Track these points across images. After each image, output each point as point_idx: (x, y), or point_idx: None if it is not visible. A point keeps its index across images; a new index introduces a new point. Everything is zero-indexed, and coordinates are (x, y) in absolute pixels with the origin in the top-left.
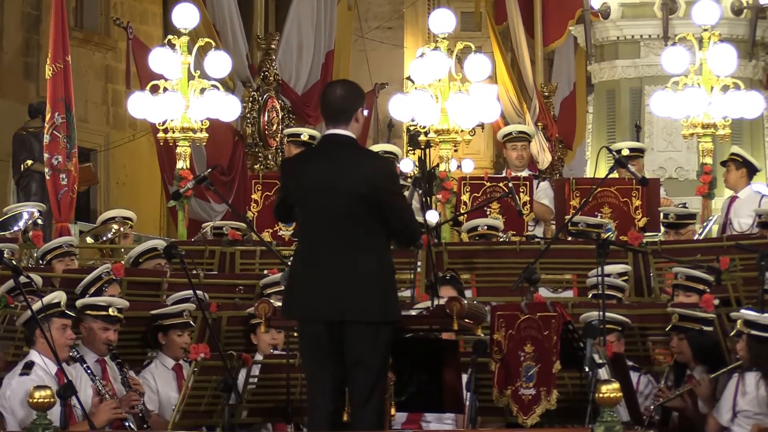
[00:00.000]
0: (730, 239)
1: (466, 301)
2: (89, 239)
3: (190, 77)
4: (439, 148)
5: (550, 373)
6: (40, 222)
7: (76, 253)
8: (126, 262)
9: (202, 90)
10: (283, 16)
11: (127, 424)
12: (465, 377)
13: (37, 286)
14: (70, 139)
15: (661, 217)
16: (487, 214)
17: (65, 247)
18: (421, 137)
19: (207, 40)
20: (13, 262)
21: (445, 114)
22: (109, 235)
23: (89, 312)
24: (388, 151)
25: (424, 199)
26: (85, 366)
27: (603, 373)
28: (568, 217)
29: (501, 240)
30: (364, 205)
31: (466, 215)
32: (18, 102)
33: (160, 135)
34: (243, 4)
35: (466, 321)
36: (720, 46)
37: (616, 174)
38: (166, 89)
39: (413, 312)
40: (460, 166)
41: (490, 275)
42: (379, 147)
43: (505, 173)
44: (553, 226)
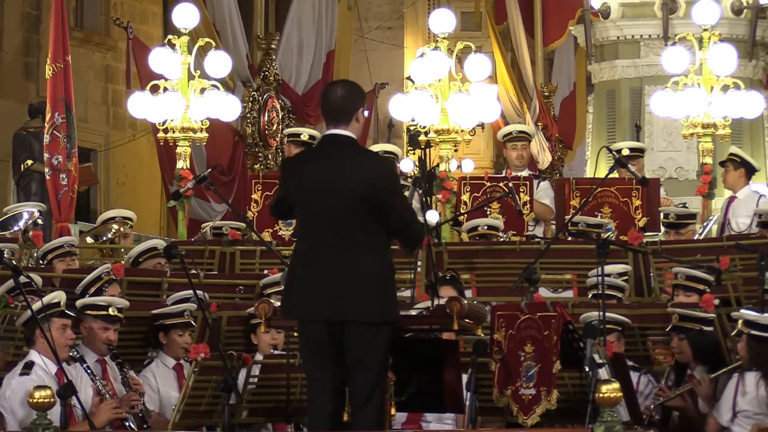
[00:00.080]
0: (730, 239)
1: (466, 301)
2: (89, 239)
3: (190, 77)
4: (439, 148)
5: (550, 373)
6: (40, 222)
7: (77, 253)
8: (126, 262)
9: (202, 90)
10: (283, 16)
11: (128, 424)
12: (465, 377)
13: (37, 286)
14: (70, 139)
15: (661, 217)
16: (488, 214)
17: (66, 247)
18: (421, 137)
19: (207, 40)
20: (13, 262)
21: (445, 114)
22: (109, 235)
23: (89, 312)
24: (388, 151)
25: (424, 199)
26: (85, 366)
27: (603, 373)
28: (568, 217)
29: (501, 240)
30: (364, 205)
31: (466, 215)
32: (18, 102)
33: (160, 135)
34: (243, 4)
35: (466, 321)
36: (720, 46)
37: (616, 174)
38: (166, 89)
39: (413, 312)
40: (460, 166)
41: (490, 275)
42: (379, 147)
43: (505, 173)
44: (553, 226)
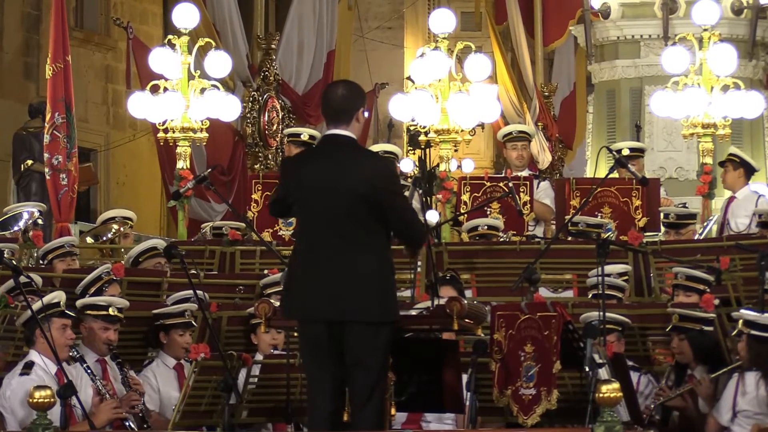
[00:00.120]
0: (730, 239)
1: (466, 301)
2: (89, 239)
3: (190, 77)
4: (439, 148)
5: (550, 373)
6: (40, 222)
7: (78, 253)
8: (126, 262)
9: (202, 90)
10: (283, 16)
11: (128, 423)
12: (465, 377)
13: (37, 286)
14: (70, 139)
15: (661, 217)
16: (488, 214)
17: (67, 247)
18: (421, 137)
19: (207, 40)
20: (13, 262)
21: (445, 114)
22: (109, 235)
23: (89, 312)
24: (388, 151)
25: (424, 199)
26: (85, 366)
27: (603, 373)
28: (568, 217)
29: (501, 240)
30: (364, 205)
31: (466, 215)
32: (18, 102)
33: (161, 135)
34: (243, 4)
35: (466, 321)
36: (720, 46)
37: (616, 174)
38: (166, 89)
39: (413, 312)
40: (460, 166)
41: (490, 275)
42: (379, 147)
43: (505, 173)
44: (553, 226)
